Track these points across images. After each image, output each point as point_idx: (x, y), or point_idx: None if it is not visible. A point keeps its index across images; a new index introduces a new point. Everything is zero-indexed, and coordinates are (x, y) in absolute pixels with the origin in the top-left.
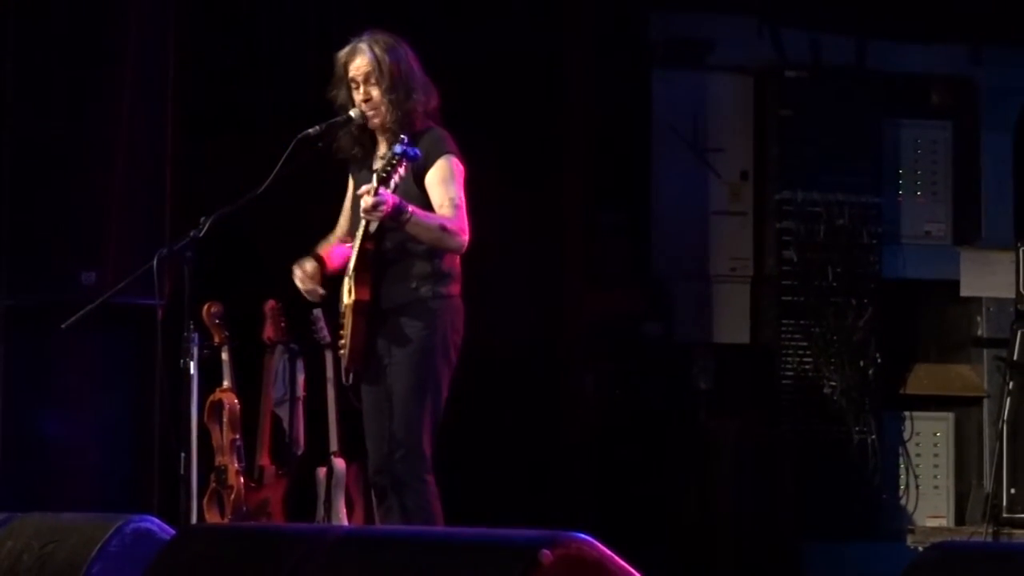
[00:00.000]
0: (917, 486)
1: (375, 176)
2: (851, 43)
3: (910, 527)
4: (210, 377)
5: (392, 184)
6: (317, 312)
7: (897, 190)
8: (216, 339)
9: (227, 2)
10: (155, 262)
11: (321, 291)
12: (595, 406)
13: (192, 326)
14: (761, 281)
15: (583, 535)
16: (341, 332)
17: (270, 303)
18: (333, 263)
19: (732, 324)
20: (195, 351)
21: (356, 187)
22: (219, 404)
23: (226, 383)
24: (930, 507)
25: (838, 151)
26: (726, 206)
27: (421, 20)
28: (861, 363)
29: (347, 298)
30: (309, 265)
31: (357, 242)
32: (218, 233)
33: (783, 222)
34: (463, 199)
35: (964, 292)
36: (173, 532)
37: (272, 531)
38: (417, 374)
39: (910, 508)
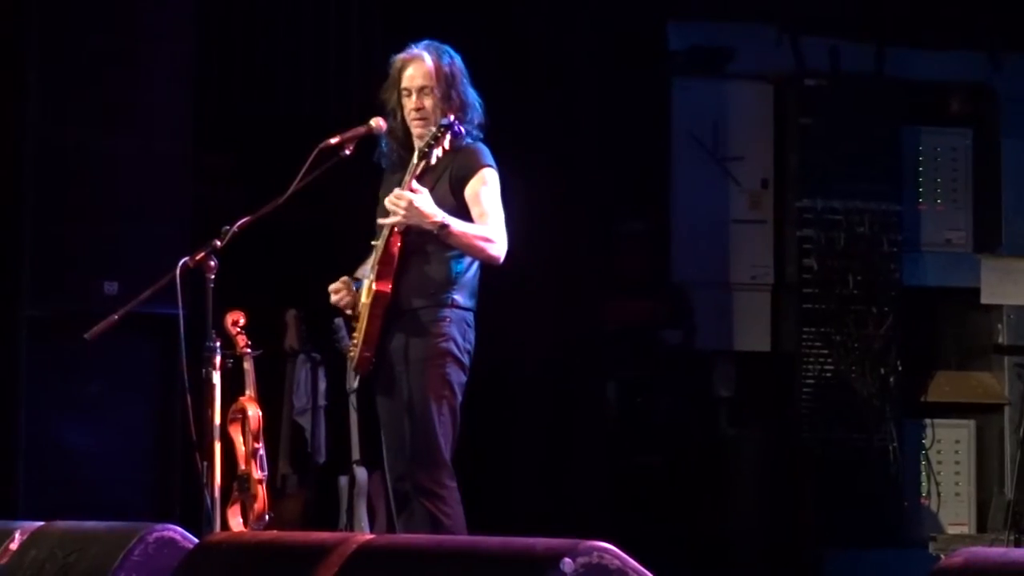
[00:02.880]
0: (938, 493)
1: (416, 154)
2: (871, 51)
3: (932, 535)
4: (232, 386)
5: (434, 157)
6: (339, 321)
7: (917, 198)
8: (238, 348)
9: (249, 13)
10: (177, 272)
11: (352, 293)
12: (616, 414)
13: (214, 335)
14: (782, 289)
15: (604, 543)
16: (353, 336)
17: (292, 312)
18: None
19: (753, 332)
20: (217, 360)
21: (391, 185)
22: (241, 413)
23: (248, 392)
24: (951, 514)
25: (858, 159)
26: (746, 214)
27: (439, 32)
28: (882, 371)
29: (365, 297)
30: (342, 282)
31: (383, 240)
32: (240, 242)
33: (803, 230)
34: (502, 210)
35: (984, 300)
36: (195, 541)
37: (294, 540)
38: (430, 382)
39: (931, 516)
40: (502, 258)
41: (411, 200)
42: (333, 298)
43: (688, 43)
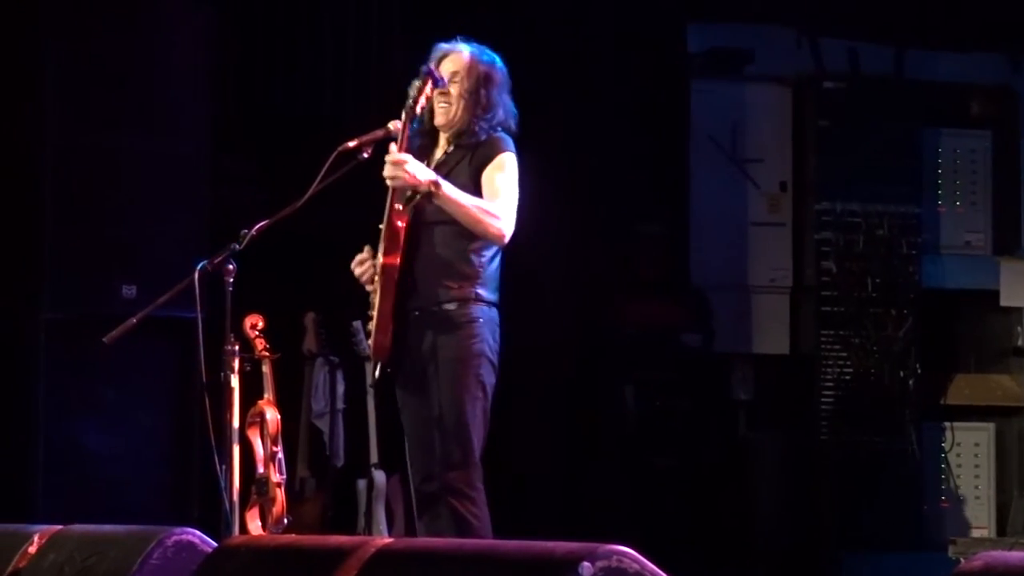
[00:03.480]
0: (958, 497)
1: (404, 111)
2: (890, 53)
3: (951, 538)
4: (251, 389)
5: (418, 108)
6: (357, 324)
7: (936, 200)
8: (257, 351)
9: (266, 17)
10: (196, 275)
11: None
12: (634, 416)
13: (233, 338)
14: (800, 292)
15: (623, 547)
16: (369, 326)
17: (310, 315)
18: None
19: (771, 335)
20: (236, 363)
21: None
22: (260, 416)
23: (267, 395)
24: (971, 517)
25: (877, 161)
26: (765, 217)
27: (457, 32)
28: (901, 373)
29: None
30: (364, 251)
31: (386, 215)
32: (258, 246)
33: (822, 232)
34: (515, 193)
35: (1004, 302)
36: (214, 544)
37: (312, 543)
38: (465, 382)
39: (951, 519)
40: (506, 237)
41: (403, 160)
42: (357, 271)
43: (707, 45)
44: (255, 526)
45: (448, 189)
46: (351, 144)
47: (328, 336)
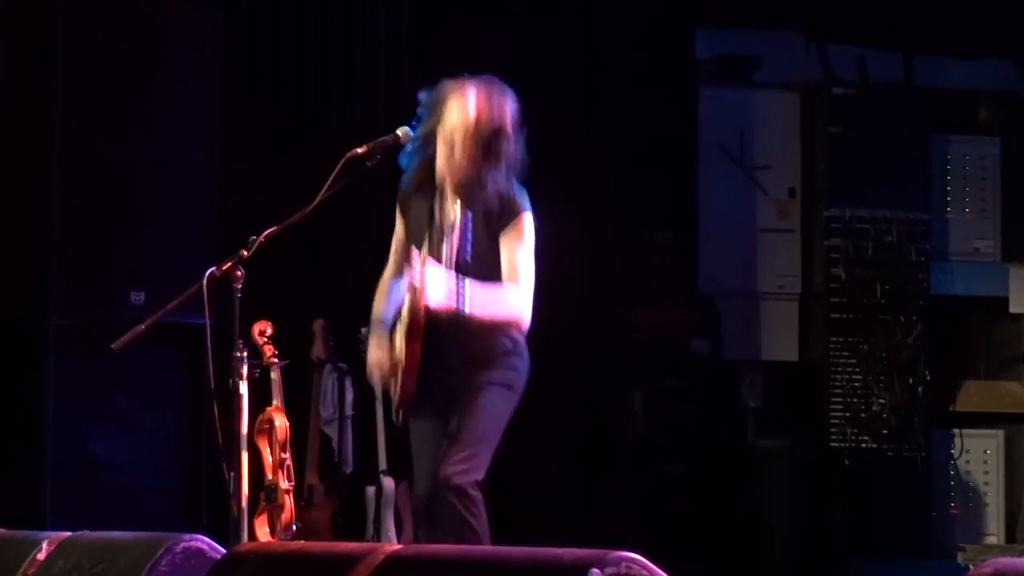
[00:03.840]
0: (967, 503)
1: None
2: (898, 59)
3: (960, 545)
4: (259, 396)
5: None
6: (365, 330)
7: (945, 207)
8: (265, 358)
9: (274, 23)
10: (204, 281)
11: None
12: (643, 423)
13: (241, 345)
14: (809, 298)
15: (632, 553)
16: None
17: (319, 322)
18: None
19: (780, 342)
20: (244, 370)
21: (407, 227)
22: (268, 423)
23: (275, 402)
24: (980, 525)
25: (886, 168)
26: (774, 223)
27: (465, 40)
28: (910, 380)
29: (399, 350)
30: (388, 364)
31: (408, 309)
32: (267, 252)
33: (831, 239)
34: (532, 268)
35: (1013, 309)
36: (223, 551)
37: (321, 550)
38: (492, 400)
39: (960, 526)
40: (524, 324)
41: (428, 308)
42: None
43: (715, 52)
44: (264, 533)
45: (471, 293)
46: (360, 150)
47: (337, 343)
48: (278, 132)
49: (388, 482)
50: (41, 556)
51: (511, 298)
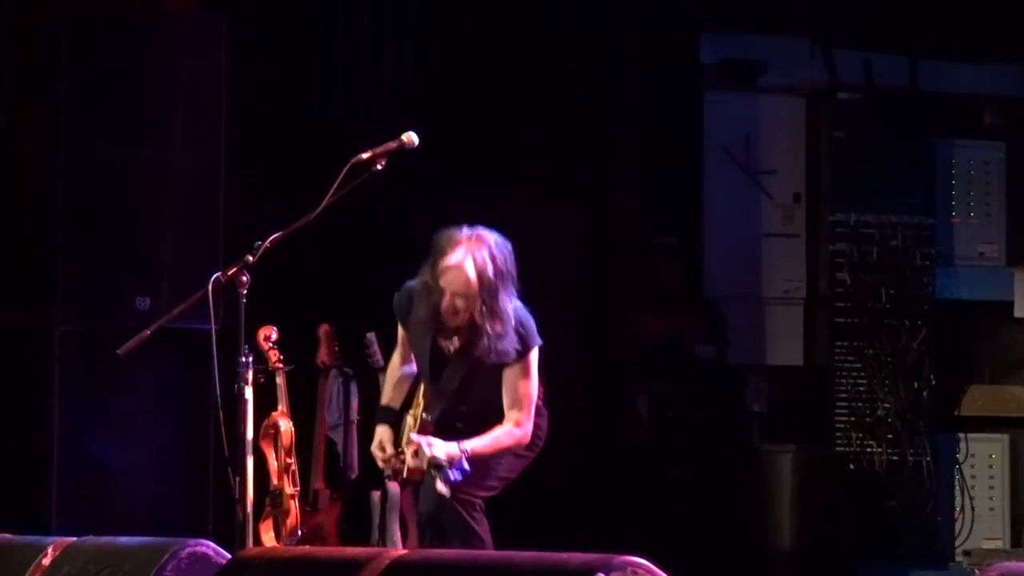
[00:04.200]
0: (972, 508)
1: (428, 464)
2: (904, 64)
3: (966, 549)
4: (265, 401)
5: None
6: (371, 336)
7: (950, 211)
8: (271, 363)
9: (280, 29)
10: (209, 287)
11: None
12: (648, 428)
13: (247, 350)
14: (814, 303)
15: (637, 558)
16: (400, 453)
17: (324, 327)
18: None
19: (785, 346)
20: (250, 375)
21: (413, 341)
22: (274, 428)
23: (281, 407)
24: (985, 529)
25: (891, 172)
26: (779, 228)
27: (471, 44)
28: (915, 385)
29: (411, 422)
30: (390, 447)
31: (410, 464)
32: (272, 257)
33: (836, 244)
34: (535, 394)
35: (1018, 313)
36: (228, 556)
37: (327, 555)
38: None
39: (965, 530)
40: (527, 442)
41: (431, 458)
42: (381, 465)
43: (720, 56)
44: (269, 538)
45: (474, 449)
46: (365, 156)
47: (342, 348)
48: (283, 137)
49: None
50: (46, 561)
51: (512, 438)
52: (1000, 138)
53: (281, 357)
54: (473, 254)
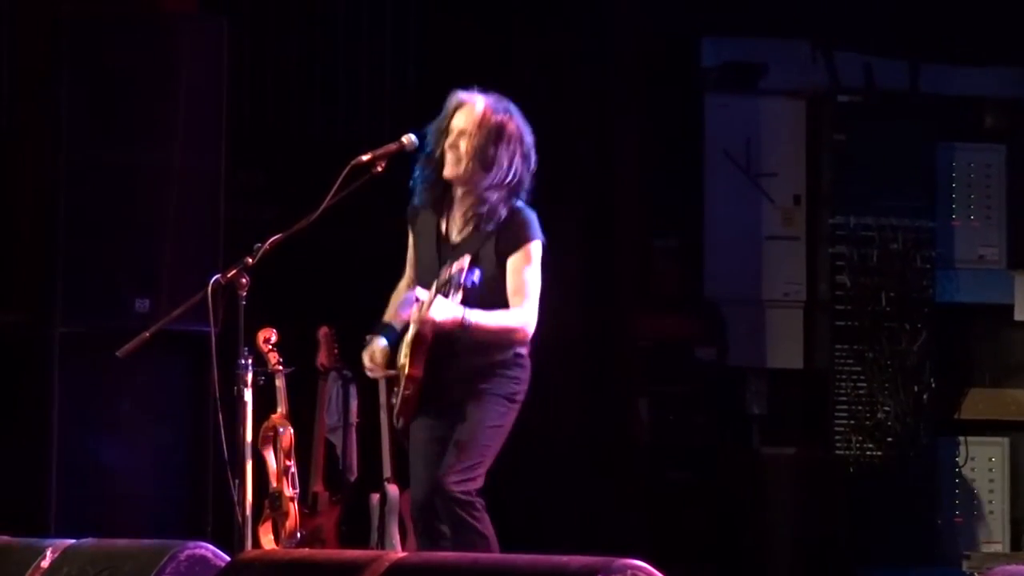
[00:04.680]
0: (972, 511)
1: (434, 286)
2: (904, 67)
3: (965, 553)
4: (264, 403)
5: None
6: (370, 337)
7: (951, 214)
8: (270, 365)
9: (280, 31)
10: (209, 289)
11: (391, 373)
12: (648, 430)
13: (246, 353)
14: (814, 306)
15: (637, 560)
16: (395, 388)
17: (324, 329)
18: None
19: (785, 349)
20: (249, 377)
21: (417, 240)
22: (273, 431)
23: (280, 409)
24: (985, 532)
25: (891, 175)
26: (779, 231)
27: (473, 49)
28: (915, 388)
29: (403, 358)
30: (379, 354)
31: (414, 320)
32: (272, 259)
33: (836, 247)
34: (537, 287)
35: (1018, 316)
36: (227, 558)
37: (326, 558)
38: (494, 410)
39: (965, 533)
40: (526, 341)
41: (433, 321)
42: (369, 373)
43: (721, 59)
44: (268, 540)
45: (476, 319)
46: (364, 158)
47: (341, 350)
48: (283, 139)
49: (392, 490)
50: (45, 563)
51: (515, 318)
52: (1000, 141)
53: (280, 359)
54: (487, 98)
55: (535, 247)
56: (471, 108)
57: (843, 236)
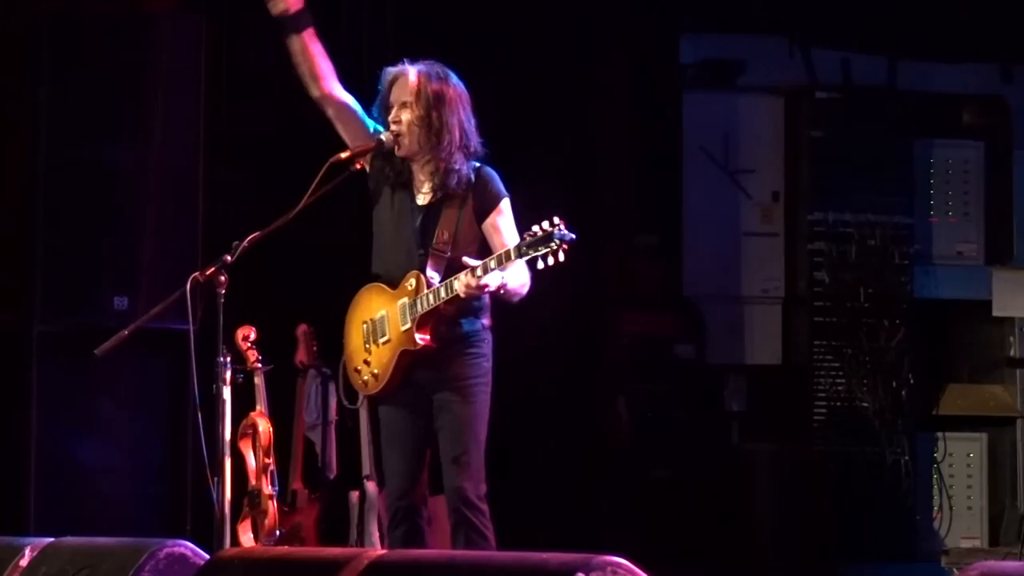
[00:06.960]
0: (951, 507)
1: (516, 251)
2: (882, 63)
3: (944, 548)
4: (243, 401)
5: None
6: None
7: (929, 210)
8: (249, 363)
9: (259, 27)
10: (187, 287)
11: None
12: (627, 428)
13: (225, 351)
14: (793, 302)
15: (617, 557)
16: (367, 358)
17: (302, 327)
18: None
19: (764, 345)
20: (228, 375)
21: (391, 202)
22: (252, 428)
23: (259, 407)
24: (963, 528)
25: (869, 171)
26: (758, 227)
27: (454, 48)
28: (893, 384)
29: (401, 327)
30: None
31: (430, 296)
32: (250, 258)
33: (815, 243)
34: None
35: (996, 312)
36: (206, 557)
37: (305, 555)
38: (479, 400)
39: (944, 529)
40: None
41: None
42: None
43: (699, 56)
44: (247, 538)
45: (512, 287)
46: (343, 155)
47: (320, 348)
48: (262, 137)
49: (372, 487)
50: (24, 562)
51: (527, 274)
52: (978, 137)
53: (259, 357)
54: (418, 67)
55: (506, 203)
56: (404, 79)
57: (821, 232)
